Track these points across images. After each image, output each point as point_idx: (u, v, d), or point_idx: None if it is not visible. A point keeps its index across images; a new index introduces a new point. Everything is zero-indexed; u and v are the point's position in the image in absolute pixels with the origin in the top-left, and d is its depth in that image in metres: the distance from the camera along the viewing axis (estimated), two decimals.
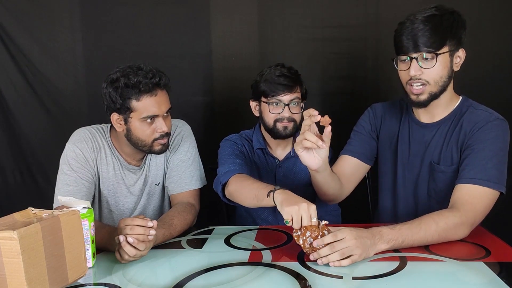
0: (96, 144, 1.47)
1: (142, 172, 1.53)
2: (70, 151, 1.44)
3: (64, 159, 1.44)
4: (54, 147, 2.17)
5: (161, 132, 1.39)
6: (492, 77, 1.95)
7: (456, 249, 1.13)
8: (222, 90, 2.11)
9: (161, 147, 1.43)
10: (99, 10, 2.11)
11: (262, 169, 1.65)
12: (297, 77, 1.57)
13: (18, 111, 2.16)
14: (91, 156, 1.45)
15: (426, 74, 1.25)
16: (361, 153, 1.46)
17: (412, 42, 1.22)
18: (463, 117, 1.33)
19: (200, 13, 2.08)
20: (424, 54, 1.23)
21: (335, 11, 2.03)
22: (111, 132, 1.51)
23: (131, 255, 1.10)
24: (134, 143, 1.42)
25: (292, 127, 1.56)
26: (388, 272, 1.00)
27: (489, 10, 1.95)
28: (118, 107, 1.37)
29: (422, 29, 1.21)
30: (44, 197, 2.12)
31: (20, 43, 2.11)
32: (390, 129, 1.46)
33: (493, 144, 1.25)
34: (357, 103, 1.47)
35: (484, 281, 0.96)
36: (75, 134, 1.48)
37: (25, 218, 0.96)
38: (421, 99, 1.28)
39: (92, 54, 2.13)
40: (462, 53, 1.29)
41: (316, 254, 1.06)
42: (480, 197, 1.20)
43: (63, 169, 1.43)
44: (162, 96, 1.38)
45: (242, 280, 1.00)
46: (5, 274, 0.86)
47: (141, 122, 1.38)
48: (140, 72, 1.35)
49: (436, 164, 1.34)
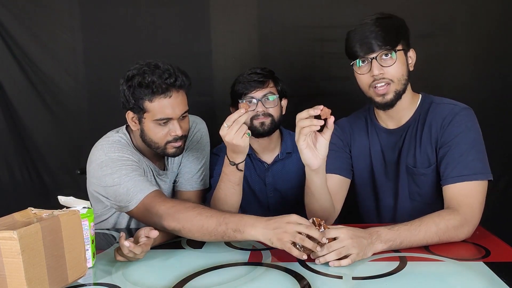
0: (131, 153, 1.36)
1: (167, 176, 1.51)
2: (117, 156, 1.30)
3: (117, 165, 1.28)
4: (57, 145, 2.20)
5: (174, 135, 1.33)
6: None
7: (456, 249, 1.13)
8: (222, 90, 2.10)
9: (175, 150, 1.36)
10: (99, 10, 2.11)
11: (251, 175, 1.64)
12: (269, 74, 1.59)
13: (22, 109, 2.19)
14: (140, 166, 1.36)
15: (388, 73, 1.25)
16: (341, 168, 1.43)
17: (368, 43, 1.24)
18: (428, 114, 1.33)
19: (200, 13, 2.08)
20: (383, 52, 1.24)
21: (335, 11, 2.03)
22: (132, 138, 1.43)
23: (125, 253, 1.10)
24: (148, 144, 1.37)
25: (270, 122, 1.56)
26: (388, 272, 1.00)
27: None
28: (132, 106, 1.32)
29: (375, 30, 1.24)
30: (50, 194, 2.15)
31: (22, 44, 2.13)
32: (360, 144, 1.45)
33: (467, 136, 1.25)
34: (357, 103, 1.47)
35: (484, 281, 0.96)
36: (106, 147, 1.34)
37: (25, 218, 0.96)
38: (387, 99, 1.28)
39: (92, 54, 2.14)
40: (413, 54, 1.31)
41: (315, 254, 1.06)
42: (473, 193, 1.20)
43: (122, 172, 1.27)
44: (177, 97, 1.31)
45: (242, 280, 1.00)
46: (5, 274, 0.85)
47: (154, 124, 1.31)
48: (157, 71, 1.28)
49: (413, 167, 1.34)
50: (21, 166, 2.22)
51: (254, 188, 1.65)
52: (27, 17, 2.12)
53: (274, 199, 1.65)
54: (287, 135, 1.67)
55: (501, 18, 1.99)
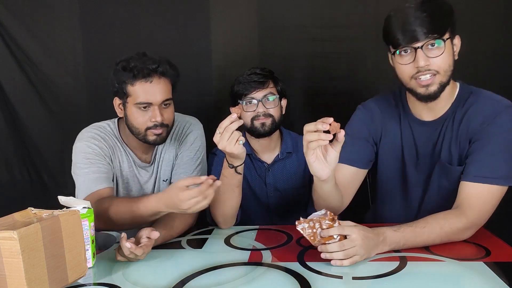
0: (109, 143, 1.44)
1: (153, 168, 1.52)
2: (85, 147, 1.39)
3: (80, 156, 1.39)
4: (57, 144, 2.20)
5: (154, 121, 1.35)
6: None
7: (456, 249, 1.13)
8: (222, 90, 2.10)
9: (155, 138, 1.38)
10: (99, 10, 2.11)
11: (251, 175, 1.64)
12: (269, 74, 1.59)
13: (22, 109, 2.18)
14: (107, 154, 1.42)
15: (435, 64, 1.14)
16: (359, 160, 1.34)
17: (413, 30, 1.11)
18: (467, 107, 1.23)
19: (200, 13, 2.08)
20: (429, 42, 1.11)
21: (335, 11, 2.03)
22: (119, 128, 1.48)
23: (126, 254, 1.10)
24: (131, 130, 1.40)
25: (270, 122, 1.55)
26: (388, 272, 1.00)
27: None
28: (116, 90, 1.37)
29: (421, 16, 1.10)
30: (51, 194, 2.14)
31: (22, 44, 2.13)
32: (392, 134, 1.34)
33: (504, 137, 1.16)
34: (357, 103, 1.46)
35: (484, 281, 0.96)
36: (85, 132, 1.44)
37: (25, 218, 0.96)
38: (431, 90, 1.16)
39: (92, 54, 2.14)
40: (458, 41, 1.20)
41: (324, 247, 1.04)
42: (489, 197, 1.15)
43: (80, 165, 1.38)
44: (159, 83, 1.34)
45: (242, 280, 1.00)
46: (5, 274, 0.85)
47: (135, 108, 1.35)
48: (143, 58, 1.33)
49: (448, 164, 1.25)
50: (21, 166, 2.22)
51: (254, 188, 1.65)
52: (27, 17, 2.12)
53: (274, 199, 1.65)
54: (287, 135, 1.67)
55: (503, 18, 1.99)
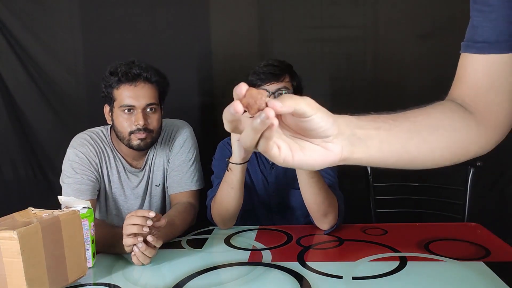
0: (98, 149, 1.47)
1: (144, 174, 1.53)
2: (73, 155, 1.44)
3: (67, 164, 1.44)
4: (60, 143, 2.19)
5: (137, 125, 1.36)
6: None
7: (456, 249, 1.14)
8: (222, 90, 2.11)
9: (139, 142, 1.39)
10: (99, 10, 2.11)
11: (254, 171, 1.63)
12: (286, 67, 1.51)
13: (26, 108, 2.19)
14: (95, 160, 1.45)
15: None
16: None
17: None
18: None
19: (200, 13, 2.08)
20: None
21: (335, 11, 2.03)
22: (111, 134, 1.51)
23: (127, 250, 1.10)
24: (117, 136, 1.43)
25: None
26: (388, 272, 1.00)
27: None
28: (103, 95, 1.41)
29: None
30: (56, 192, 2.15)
31: (24, 44, 2.14)
32: None
33: None
34: (357, 103, 1.46)
35: (484, 281, 0.96)
36: (76, 139, 1.48)
37: (25, 218, 0.96)
38: None
39: (92, 54, 2.14)
40: None
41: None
42: None
43: (66, 173, 1.44)
44: (143, 88, 1.37)
45: (242, 280, 1.00)
46: (5, 274, 0.86)
47: (120, 111, 1.38)
48: (130, 64, 1.37)
49: None
50: (26, 164, 2.23)
51: (256, 186, 1.64)
52: (28, 17, 2.12)
53: (276, 198, 1.64)
54: None
55: None
